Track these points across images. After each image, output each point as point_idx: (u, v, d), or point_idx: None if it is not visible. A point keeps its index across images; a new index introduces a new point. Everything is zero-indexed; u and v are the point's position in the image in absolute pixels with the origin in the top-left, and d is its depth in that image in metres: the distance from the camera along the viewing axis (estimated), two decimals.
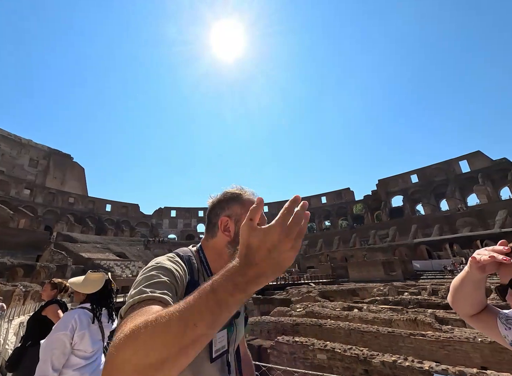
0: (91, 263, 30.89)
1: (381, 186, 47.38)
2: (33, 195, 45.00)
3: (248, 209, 0.79)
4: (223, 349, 0.78)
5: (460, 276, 0.79)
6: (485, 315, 0.82)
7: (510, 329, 0.74)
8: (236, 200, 0.87)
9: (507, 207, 30.54)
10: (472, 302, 0.81)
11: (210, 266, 0.85)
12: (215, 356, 0.74)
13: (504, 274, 0.65)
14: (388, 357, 5.70)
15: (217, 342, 0.75)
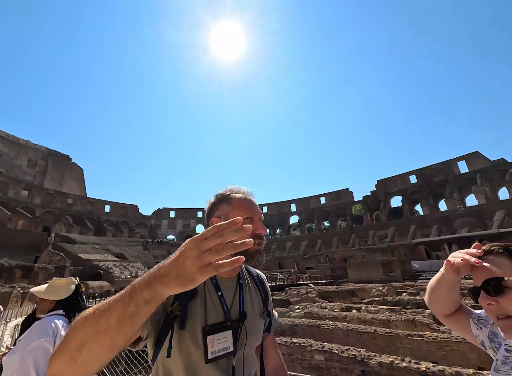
0: (90, 264, 30.80)
1: (380, 187, 47.45)
2: (31, 196, 44.86)
3: (236, 207, 0.88)
4: (226, 351, 0.76)
5: (436, 278, 0.80)
6: (458, 315, 0.84)
7: (481, 329, 0.78)
8: (225, 200, 0.91)
9: (505, 207, 30.63)
10: (446, 303, 0.83)
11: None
12: (212, 357, 0.73)
13: (477, 276, 0.65)
14: (386, 358, 5.69)
15: (214, 343, 0.74)
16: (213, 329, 0.76)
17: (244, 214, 0.85)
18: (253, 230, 0.78)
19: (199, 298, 0.80)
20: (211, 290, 0.84)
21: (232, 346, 0.78)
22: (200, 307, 0.79)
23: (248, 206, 0.90)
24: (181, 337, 0.73)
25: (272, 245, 47.95)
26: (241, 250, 0.50)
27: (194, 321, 0.76)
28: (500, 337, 0.74)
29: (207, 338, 0.74)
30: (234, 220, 0.50)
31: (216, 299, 0.83)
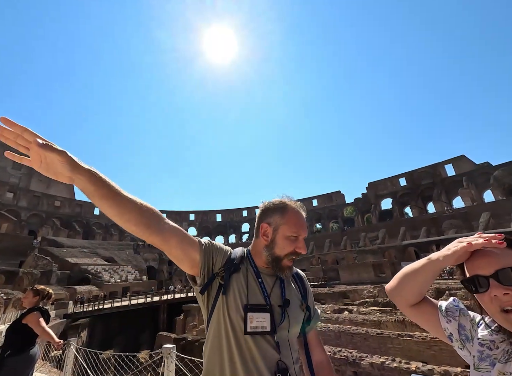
0: (78, 268, 29.94)
1: (371, 190, 48.20)
2: (16, 198, 43.39)
3: (288, 223, 1.00)
4: (264, 329, 0.86)
5: (420, 263, 0.78)
6: (425, 306, 0.82)
7: (450, 322, 0.76)
8: (279, 211, 1.01)
9: (490, 209, 31.61)
10: (419, 291, 0.81)
11: (254, 260, 1.02)
12: (250, 330, 0.85)
13: (483, 265, 0.64)
14: (377, 359, 5.76)
15: (253, 320, 0.86)
16: (253, 308, 0.88)
17: (293, 232, 0.97)
18: (295, 248, 0.97)
19: (241, 275, 0.95)
20: (253, 276, 0.97)
21: (269, 327, 0.87)
22: (242, 284, 0.93)
23: (298, 224, 1.00)
24: (224, 302, 0.90)
25: None
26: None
27: (237, 293, 0.91)
28: (468, 330, 0.74)
29: (247, 314, 0.87)
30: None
31: (257, 284, 0.95)
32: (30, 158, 0.71)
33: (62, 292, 22.66)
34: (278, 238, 0.97)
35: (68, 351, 3.10)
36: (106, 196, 0.75)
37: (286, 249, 0.96)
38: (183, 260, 0.90)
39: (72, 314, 18.88)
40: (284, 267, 0.96)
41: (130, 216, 0.78)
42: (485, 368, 0.66)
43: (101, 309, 20.80)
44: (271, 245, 0.98)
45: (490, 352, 0.67)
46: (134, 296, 24.54)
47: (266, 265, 1.00)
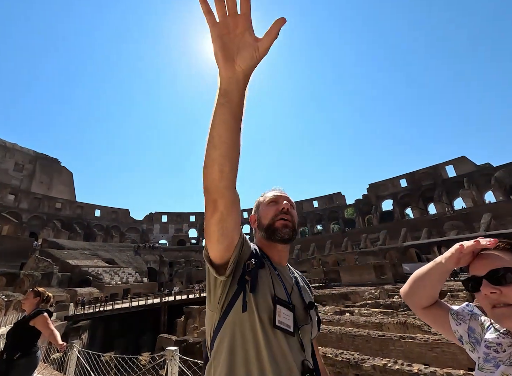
0: (79, 270, 29.94)
1: (372, 191, 48.14)
2: (17, 200, 43.50)
3: (265, 197, 1.06)
4: (288, 328, 0.81)
5: (427, 267, 0.84)
6: (436, 309, 0.87)
7: (460, 324, 0.81)
8: (261, 199, 1.08)
9: (491, 210, 31.54)
10: (430, 294, 0.87)
11: (266, 253, 0.97)
12: (278, 324, 0.79)
13: (479, 266, 0.69)
14: (379, 361, 5.74)
15: (281, 314, 0.80)
16: (280, 301, 0.83)
17: (270, 199, 1.02)
18: (277, 208, 0.98)
19: (267, 270, 0.89)
20: (271, 269, 0.92)
21: (292, 327, 0.81)
22: (268, 278, 0.87)
23: (273, 193, 1.06)
24: (252, 299, 0.80)
25: None
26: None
27: (264, 287, 0.84)
28: (477, 333, 0.77)
29: (276, 305, 0.81)
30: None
31: (277, 278, 0.90)
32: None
33: (63, 294, 22.64)
34: (261, 211, 1.02)
35: (71, 353, 3.11)
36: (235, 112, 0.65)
37: (270, 213, 0.98)
38: (227, 236, 0.75)
39: (73, 316, 18.85)
40: (279, 226, 0.94)
41: (232, 151, 0.67)
42: (488, 369, 0.69)
43: (102, 311, 20.78)
44: (259, 222, 1.01)
45: (496, 354, 0.70)
46: (135, 297, 24.51)
47: (279, 259, 0.98)
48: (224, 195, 0.69)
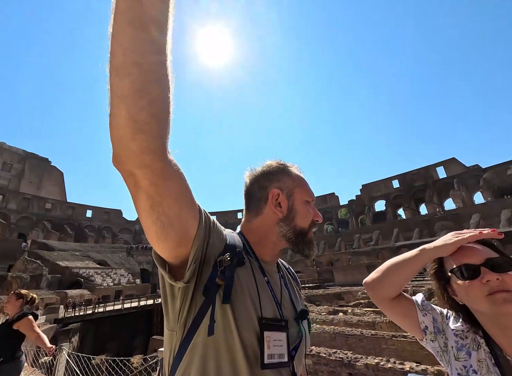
0: (69, 272, 29.32)
1: (365, 192, 48.73)
2: (5, 201, 42.37)
3: (300, 186, 0.76)
4: (281, 359, 0.55)
5: (410, 255, 0.83)
6: (402, 300, 0.86)
7: (425, 315, 0.82)
8: (286, 173, 0.77)
9: (480, 210, 32.33)
10: (403, 282, 0.85)
11: (255, 249, 0.70)
12: (267, 362, 0.53)
13: (472, 255, 0.72)
14: (371, 360, 5.80)
15: (271, 344, 0.54)
16: (269, 324, 0.56)
17: (309, 195, 0.77)
18: (313, 215, 0.75)
19: (250, 272, 0.62)
20: (258, 274, 0.65)
21: (286, 355, 0.56)
22: (251, 283, 0.60)
23: (309, 189, 0.79)
24: (230, 312, 0.53)
25: None
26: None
27: (245, 297, 0.57)
28: (439, 323, 0.80)
29: (264, 333, 0.54)
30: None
31: (265, 286, 0.64)
32: None
33: (53, 296, 22.13)
34: (296, 204, 0.73)
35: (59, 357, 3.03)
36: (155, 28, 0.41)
37: (309, 216, 0.75)
38: (171, 227, 0.49)
39: (63, 319, 18.45)
40: (311, 241, 0.74)
41: (150, 97, 0.41)
42: (463, 358, 0.73)
43: (93, 313, 20.40)
44: (290, 216, 0.71)
45: (463, 341, 0.74)
46: (127, 299, 24.16)
47: (271, 256, 0.73)
48: (144, 163, 0.43)
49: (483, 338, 0.71)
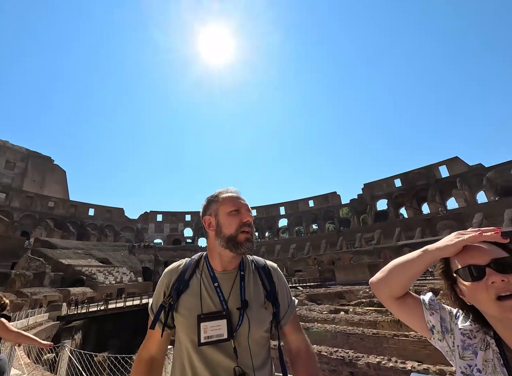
0: (72, 270, 29.55)
1: (367, 190, 48.59)
2: (9, 199, 42.70)
3: (223, 204, 1.00)
4: (219, 337, 0.85)
5: (413, 256, 0.82)
6: (410, 299, 0.86)
7: (433, 314, 0.80)
8: (214, 201, 1.03)
9: (483, 210, 32.13)
10: (407, 283, 0.85)
11: (211, 263, 1.01)
12: (204, 341, 0.85)
13: (477, 256, 0.69)
14: (373, 359, 5.79)
15: (208, 330, 0.85)
16: (207, 317, 0.87)
17: (231, 207, 0.99)
18: (241, 219, 0.97)
19: (191, 290, 0.95)
20: (208, 282, 0.96)
21: (226, 333, 0.86)
22: (194, 298, 0.92)
23: (234, 200, 1.01)
24: (178, 323, 0.91)
25: (261, 248, 47.86)
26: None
27: (189, 310, 0.90)
28: (447, 322, 0.78)
29: (200, 324, 0.86)
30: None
31: (213, 290, 0.94)
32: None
33: (56, 294, 22.33)
34: (220, 219, 0.98)
35: (62, 354, 3.05)
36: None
37: (233, 223, 0.96)
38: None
39: (65, 316, 18.60)
40: (242, 241, 0.94)
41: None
42: (469, 357, 0.71)
43: (95, 311, 20.55)
44: (219, 229, 0.97)
45: (471, 341, 0.73)
46: (129, 297, 24.29)
47: (223, 267, 0.99)
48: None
49: (494, 338, 0.69)
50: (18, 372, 4.86)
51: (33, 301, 19.49)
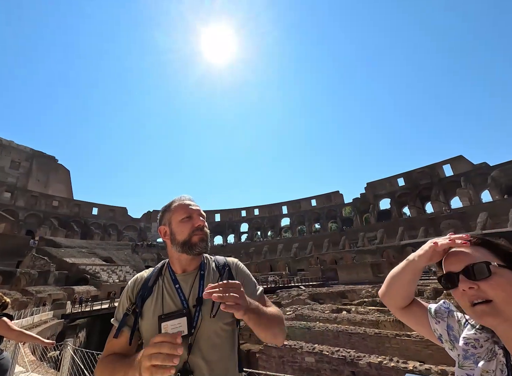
0: (76, 269, 29.85)
1: (369, 190, 48.35)
2: (14, 198, 43.21)
3: (175, 212, 1.07)
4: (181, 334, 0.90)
5: (400, 266, 0.84)
6: (415, 308, 0.87)
7: (439, 323, 0.79)
8: (167, 210, 1.10)
9: (487, 209, 31.79)
10: (406, 293, 0.86)
11: (173, 268, 1.07)
12: None
13: (454, 262, 0.68)
14: (375, 358, 5.78)
15: (168, 329, 0.88)
16: (167, 317, 0.91)
17: (182, 214, 1.05)
18: (193, 224, 1.03)
19: (154, 295, 1.00)
20: (169, 285, 1.02)
21: (186, 330, 0.89)
22: (156, 301, 0.98)
23: (185, 208, 1.07)
24: (143, 327, 0.96)
25: (263, 247, 47.91)
26: (167, 364, 0.67)
27: (152, 312, 0.95)
28: (456, 330, 0.76)
29: (161, 324, 0.89)
30: (174, 336, 0.70)
31: (174, 291, 0.99)
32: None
33: (60, 292, 22.57)
34: (173, 227, 1.04)
35: (64, 352, 3.09)
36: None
37: (185, 230, 1.01)
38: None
39: (70, 314, 18.81)
40: (196, 242, 1.00)
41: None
42: (469, 366, 0.68)
43: (99, 309, 20.75)
44: (173, 237, 1.03)
45: (475, 350, 0.69)
46: None
47: (182, 269, 1.04)
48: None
49: (502, 349, 0.65)
50: (22, 369, 4.94)
51: (38, 299, 19.72)
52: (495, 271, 0.62)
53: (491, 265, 0.62)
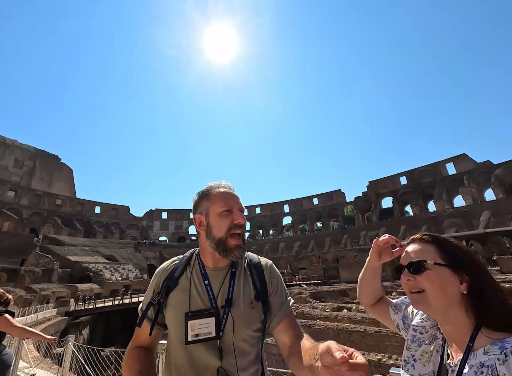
0: (79, 267, 30.13)
1: (371, 188, 48.15)
2: (18, 197, 43.60)
3: (215, 202, 0.96)
4: (207, 336, 0.84)
5: (364, 267, 0.99)
6: (381, 304, 1.02)
7: (396, 313, 0.94)
8: (205, 197, 0.98)
9: (490, 208, 31.55)
10: (371, 291, 1.02)
11: (202, 260, 0.98)
12: (191, 339, 0.83)
13: (404, 258, 0.82)
14: (374, 356, 5.81)
15: (195, 328, 0.83)
16: (194, 315, 0.86)
17: (222, 206, 0.94)
18: (232, 220, 0.93)
19: (180, 288, 0.93)
20: (198, 279, 0.94)
21: (214, 331, 0.84)
22: (182, 296, 0.91)
23: (226, 198, 0.96)
24: (167, 320, 0.91)
25: (265, 246, 47.99)
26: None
27: (177, 308, 0.89)
28: (409, 319, 0.89)
29: (188, 322, 0.84)
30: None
31: (203, 287, 0.92)
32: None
33: (64, 290, 22.82)
34: (211, 219, 0.94)
35: (66, 348, 3.16)
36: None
37: (223, 225, 0.91)
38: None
39: (73, 312, 19.03)
40: (232, 247, 0.90)
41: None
42: (413, 349, 0.81)
43: (102, 307, 20.95)
44: (209, 230, 0.93)
45: (421, 335, 0.82)
46: (135, 293, 24.69)
47: (214, 264, 0.95)
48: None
49: (442, 334, 0.77)
50: (26, 365, 5.04)
51: (41, 296, 19.97)
52: (431, 267, 0.72)
53: (426, 263, 0.73)
